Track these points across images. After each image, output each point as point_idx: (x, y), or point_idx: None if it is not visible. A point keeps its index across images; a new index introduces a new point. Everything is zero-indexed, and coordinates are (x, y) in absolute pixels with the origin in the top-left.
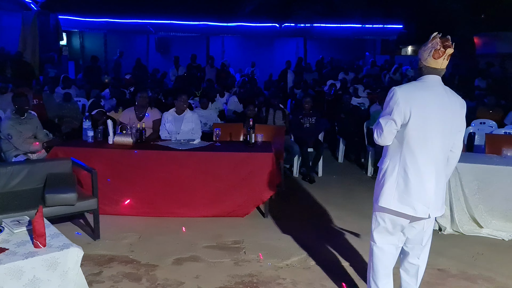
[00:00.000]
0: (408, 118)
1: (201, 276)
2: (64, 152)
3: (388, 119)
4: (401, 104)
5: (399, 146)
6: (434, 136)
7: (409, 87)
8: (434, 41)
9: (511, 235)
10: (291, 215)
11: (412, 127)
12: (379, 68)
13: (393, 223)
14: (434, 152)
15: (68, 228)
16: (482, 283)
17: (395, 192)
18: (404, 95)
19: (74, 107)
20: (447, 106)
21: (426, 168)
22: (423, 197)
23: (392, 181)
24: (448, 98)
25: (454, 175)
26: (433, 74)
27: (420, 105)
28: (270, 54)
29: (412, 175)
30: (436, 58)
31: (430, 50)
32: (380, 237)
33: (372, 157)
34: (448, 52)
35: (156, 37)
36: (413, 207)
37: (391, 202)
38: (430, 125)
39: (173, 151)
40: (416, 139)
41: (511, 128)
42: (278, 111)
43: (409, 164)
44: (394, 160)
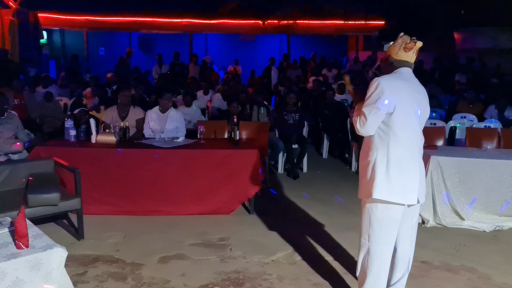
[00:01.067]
0: (394, 107)
1: (187, 273)
2: (46, 152)
3: (373, 108)
4: (386, 93)
5: (385, 136)
6: (416, 125)
7: (391, 77)
8: (404, 37)
9: (492, 226)
10: (276, 211)
11: (398, 116)
12: (362, 64)
13: (388, 217)
14: (416, 139)
15: (52, 229)
16: (464, 273)
17: (386, 182)
18: (389, 85)
19: (56, 106)
20: (422, 96)
21: (412, 155)
22: (412, 184)
23: (382, 172)
24: (421, 89)
25: (436, 169)
26: (406, 66)
27: (403, 94)
28: (254, 51)
29: (402, 163)
30: (407, 51)
31: (401, 44)
32: (376, 237)
33: (356, 153)
34: (418, 45)
35: (139, 35)
36: (404, 195)
37: (384, 194)
38: (412, 114)
39: (157, 149)
40: (402, 128)
41: (491, 122)
42: (262, 107)
43: (398, 153)
44: (382, 151)
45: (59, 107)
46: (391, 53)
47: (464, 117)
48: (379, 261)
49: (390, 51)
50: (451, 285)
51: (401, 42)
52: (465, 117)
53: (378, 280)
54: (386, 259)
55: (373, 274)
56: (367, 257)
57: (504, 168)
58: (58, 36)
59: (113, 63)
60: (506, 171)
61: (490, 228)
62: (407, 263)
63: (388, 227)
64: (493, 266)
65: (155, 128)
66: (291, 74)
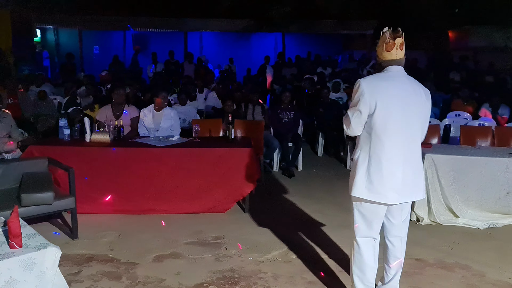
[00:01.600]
0: (374, 108)
1: (182, 272)
2: (40, 151)
3: (355, 110)
4: (366, 95)
5: (368, 136)
6: (401, 124)
7: (373, 78)
8: (383, 36)
9: (486, 224)
10: (271, 210)
11: (378, 117)
12: (357, 63)
13: (371, 213)
14: (402, 139)
15: (46, 228)
16: (458, 271)
17: (366, 181)
18: (369, 86)
19: (50, 105)
20: (411, 95)
21: (394, 156)
22: (393, 185)
23: (363, 171)
24: (411, 87)
25: (431, 167)
26: (393, 65)
27: (384, 95)
28: (248, 49)
29: (381, 163)
30: (389, 51)
31: (382, 45)
32: (360, 230)
33: (351, 151)
34: (398, 42)
35: (133, 34)
36: (385, 195)
37: (363, 192)
38: (396, 114)
39: (152, 147)
40: (383, 128)
41: (485, 120)
42: (257, 106)
43: (378, 153)
44: (365, 151)
45: (53, 105)
46: (377, 53)
47: (459, 115)
48: (363, 255)
49: (377, 51)
50: (446, 283)
51: (381, 43)
52: (460, 115)
53: (364, 275)
54: (370, 253)
55: (358, 268)
56: (353, 252)
57: (498, 166)
58: (52, 34)
59: (107, 61)
60: (500, 169)
61: (484, 225)
62: (399, 260)
63: (370, 223)
64: (487, 263)
65: (150, 126)
66: (286, 72)
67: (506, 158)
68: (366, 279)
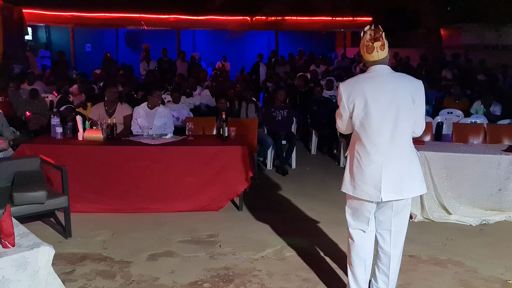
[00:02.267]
0: (352, 110)
1: (176, 271)
2: (32, 149)
3: (339, 112)
4: (344, 98)
5: (354, 135)
6: (381, 123)
7: (352, 80)
8: (364, 37)
9: (478, 220)
10: (265, 208)
11: (357, 117)
12: (350, 61)
13: (358, 208)
14: (383, 138)
15: (39, 227)
16: (451, 267)
17: (351, 179)
18: (346, 89)
19: (42, 104)
20: (395, 93)
21: (375, 154)
22: (375, 183)
23: (349, 168)
24: (397, 84)
25: (424, 164)
26: (377, 64)
27: (361, 95)
28: (242, 47)
29: (362, 162)
30: (370, 53)
31: (363, 47)
32: (349, 222)
33: (344, 148)
34: (376, 45)
35: (126, 31)
36: (367, 192)
37: (349, 189)
38: (375, 113)
39: (145, 146)
40: (362, 128)
41: (477, 117)
42: (251, 104)
43: (359, 151)
44: (351, 149)
45: (45, 104)
46: (362, 55)
47: (451, 113)
48: (355, 247)
49: (360, 53)
50: (439, 279)
51: (363, 44)
52: (452, 113)
53: (354, 267)
54: (360, 244)
55: (351, 261)
56: (347, 244)
57: (490, 163)
58: (43, 32)
59: (100, 59)
60: (492, 166)
61: (477, 222)
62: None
63: (358, 216)
64: (480, 260)
65: (143, 124)
66: (279, 70)
67: (498, 155)
68: (358, 272)
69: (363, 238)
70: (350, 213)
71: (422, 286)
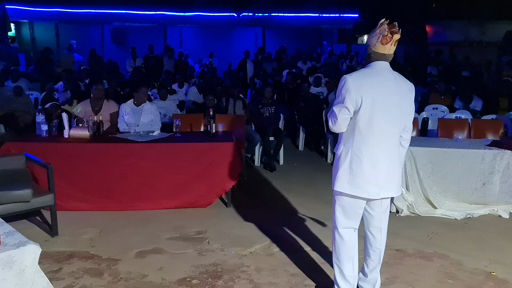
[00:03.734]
0: (360, 105)
1: (164, 267)
2: (17, 147)
3: (341, 107)
4: (352, 92)
5: (351, 132)
6: (384, 121)
7: (359, 74)
8: (382, 27)
9: (463, 214)
10: (253, 204)
11: (363, 113)
12: (337, 57)
13: (351, 206)
14: (385, 136)
15: (24, 226)
16: (437, 260)
17: (349, 176)
18: (355, 83)
19: (26, 101)
20: (396, 91)
21: (378, 151)
22: (375, 180)
23: (346, 166)
24: (396, 83)
25: (409, 159)
26: (382, 60)
27: (370, 91)
28: (229, 44)
29: (364, 159)
30: (384, 44)
31: (378, 36)
32: (340, 222)
33: (332, 144)
34: (395, 38)
35: (112, 28)
36: (366, 190)
37: (345, 186)
38: (380, 110)
39: (132, 143)
40: (367, 124)
41: (461, 112)
42: (238, 101)
43: (361, 149)
44: (347, 146)
45: (29, 101)
46: (370, 43)
47: (436, 108)
48: (344, 246)
49: (370, 41)
50: (425, 272)
51: (378, 34)
52: (437, 108)
53: (345, 265)
54: (350, 243)
55: (339, 259)
56: (334, 243)
57: (474, 157)
58: (27, 29)
59: (85, 56)
60: (476, 160)
61: (461, 216)
62: (379, 250)
63: (351, 215)
64: (465, 252)
65: (130, 121)
66: (267, 67)
67: (482, 149)
68: (346, 269)
69: (353, 236)
70: (341, 211)
71: (408, 279)
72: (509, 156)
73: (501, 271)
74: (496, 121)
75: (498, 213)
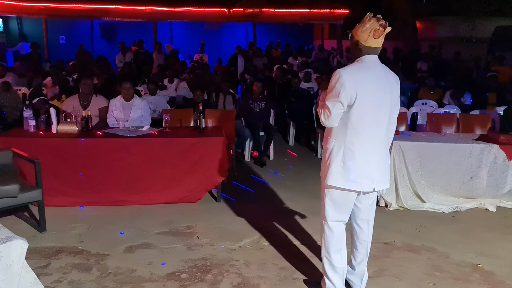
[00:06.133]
0: (354, 99)
1: (153, 262)
2: (4, 142)
3: (336, 102)
4: (347, 86)
5: (343, 126)
6: (376, 114)
7: (353, 68)
8: (371, 21)
9: (451, 208)
10: (243, 199)
11: (357, 107)
12: (328, 53)
13: (342, 200)
14: (377, 129)
15: (12, 222)
16: (424, 253)
17: (342, 170)
18: (350, 77)
19: (14, 96)
20: (386, 84)
21: (370, 144)
22: (368, 173)
23: (338, 160)
24: (386, 76)
25: (398, 153)
26: (372, 53)
27: (364, 85)
28: (219, 39)
29: (357, 152)
30: (376, 38)
31: (370, 30)
32: (330, 215)
33: (322, 139)
34: (387, 30)
35: (101, 23)
36: (359, 183)
37: (339, 181)
38: (373, 104)
39: (121, 138)
40: (360, 118)
41: (450, 107)
42: (228, 96)
43: (354, 142)
44: (340, 140)
45: (17, 97)
46: (359, 38)
47: (425, 103)
48: (333, 239)
49: (359, 36)
50: (412, 264)
51: (369, 28)
52: (426, 103)
53: (334, 258)
54: (340, 236)
55: (329, 252)
56: (323, 236)
57: (462, 152)
58: (15, 24)
59: (74, 51)
60: (464, 155)
61: (449, 209)
62: (366, 243)
63: (342, 208)
64: (452, 245)
65: (119, 117)
66: (257, 62)
67: (469, 144)
68: (336, 261)
69: (342, 229)
70: (331, 205)
71: (396, 272)
72: (496, 150)
73: (487, 263)
74: (484, 116)
75: (485, 207)
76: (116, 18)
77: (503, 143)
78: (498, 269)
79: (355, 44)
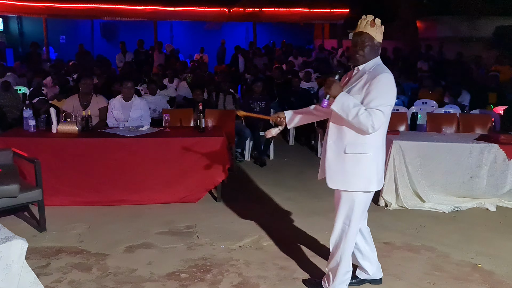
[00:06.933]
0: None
1: (153, 262)
2: (4, 142)
3: (389, 106)
4: (395, 89)
5: (381, 129)
6: None
7: (388, 70)
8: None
9: (451, 207)
10: (243, 198)
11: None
12: (328, 52)
13: (368, 201)
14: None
15: (12, 222)
16: (424, 253)
17: (376, 174)
18: (393, 80)
19: (14, 96)
20: None
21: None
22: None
23: (374, 165)
24: None
25: (398, 153)
26: None
27: None
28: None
29: (382, 155)
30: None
31: (381, 28)
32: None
33: (322, 139)
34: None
35: (101, 23)
36: (381, 182)
37: (375, 185)
38: None
39: (121, 138)
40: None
41: (450, 107)
42: (228, 95)
43: (383, 145)
44: (376, 144)
45: (17, 96)
46: (377, 37)
47: (425, 103)
48: (353, 242)
49: (377, 36)
50: (412, 264)
51: (379, 27)
52: (426, 103)
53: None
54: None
55: (346, 255)
56: (344, 240)
57: (462, 151)
58: (15, 23)
59: (74, 51)
60: (464, 154)
61: (449, 209)
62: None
63: (365, 210)
64: (452, 245)
65: (119, 117)
66: (258, 62)
67: (469, 143)
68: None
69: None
70: (362, 209)
71: (396, 272)
72: (496, 149)
73: (487, 262)
74: (485, 115)
75: (485, 206)
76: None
77: (503, 143)
78: (498, 268)
79: (377, 46)
